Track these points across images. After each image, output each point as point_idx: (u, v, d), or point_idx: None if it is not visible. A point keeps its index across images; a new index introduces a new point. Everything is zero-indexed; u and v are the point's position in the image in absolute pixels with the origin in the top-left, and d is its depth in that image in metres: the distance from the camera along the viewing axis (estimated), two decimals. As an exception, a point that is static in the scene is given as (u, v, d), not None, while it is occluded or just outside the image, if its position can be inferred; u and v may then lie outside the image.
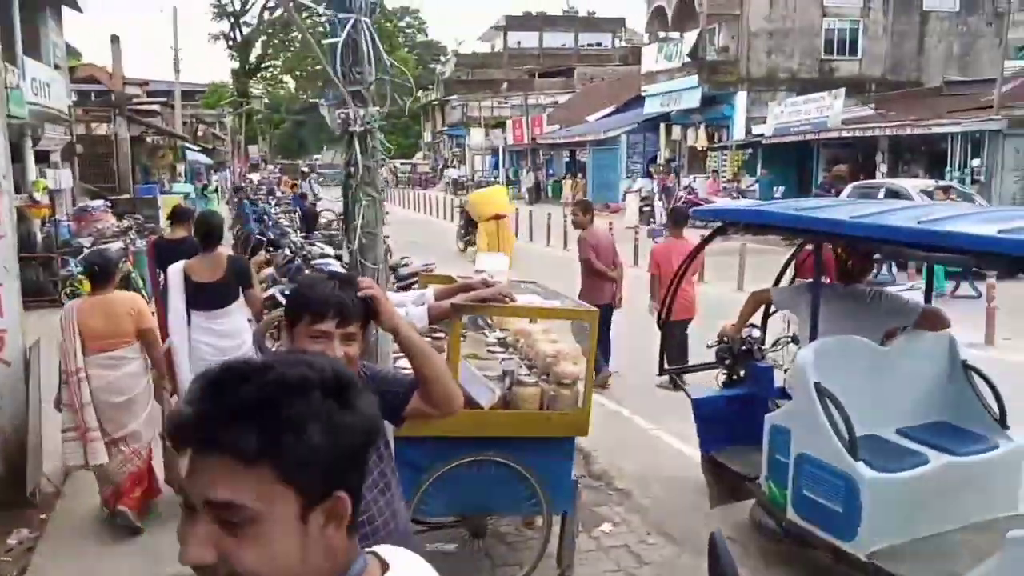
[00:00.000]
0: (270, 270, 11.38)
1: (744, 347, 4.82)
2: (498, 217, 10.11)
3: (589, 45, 70.21)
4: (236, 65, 53.60)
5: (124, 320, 4.71)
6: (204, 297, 5.10)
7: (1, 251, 5.18)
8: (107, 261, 4.96)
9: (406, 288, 8.85)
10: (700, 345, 5.75)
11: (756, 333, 4.92)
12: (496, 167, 45.24)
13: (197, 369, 5.04)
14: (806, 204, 4.70)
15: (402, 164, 60.95)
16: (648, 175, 28.86)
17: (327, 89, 2.86)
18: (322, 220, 17.26)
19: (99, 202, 15.11)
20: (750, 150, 25.24)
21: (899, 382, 4.18)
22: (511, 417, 3.96)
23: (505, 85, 59.21)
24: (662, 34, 28.26)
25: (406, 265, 10.22)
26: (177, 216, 6.86)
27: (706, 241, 4.92)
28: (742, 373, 4.92)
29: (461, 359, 3.95)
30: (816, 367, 3.87)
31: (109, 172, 22.99)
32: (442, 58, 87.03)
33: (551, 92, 54.95)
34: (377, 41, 2.83)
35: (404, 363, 3.41)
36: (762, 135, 23.68)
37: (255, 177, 42.25)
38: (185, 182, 27.39)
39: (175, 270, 5.18)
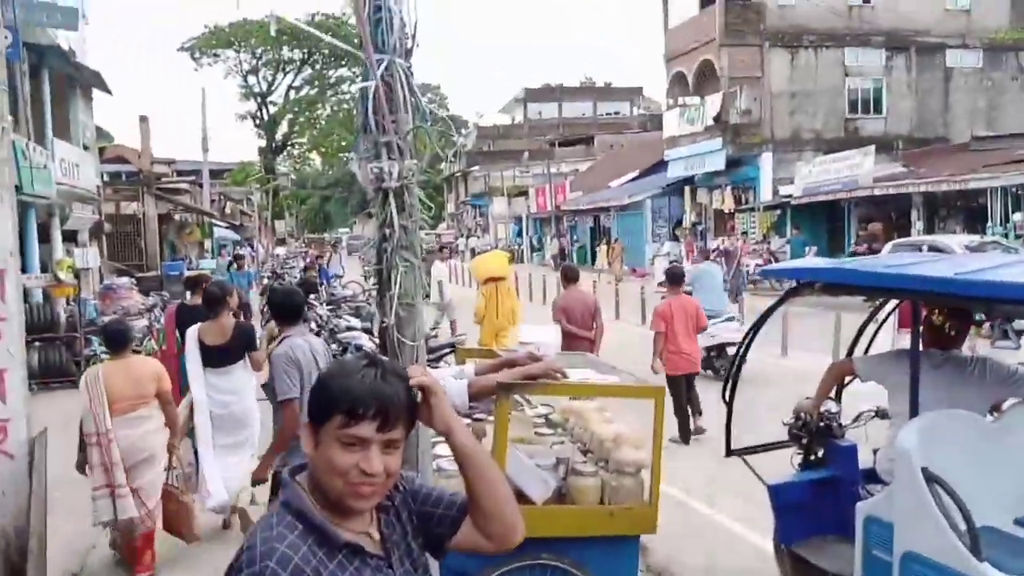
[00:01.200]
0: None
1: (822, 423, 4.29)
2: (494, 280, 10.04)
3: (607, 114, 71.16)
4: (263, 143, 54.73)
5: (147, 382, 5.09)
6: (211, 357, 5.70)
7: (6, 334, 4.81)
8: (124, 328, 5.42)
9: (437, 361, 8.39)
10: (767, 421, 5.20)
11: (834, 407, 4.39)
12: (519, 235, 45.19)
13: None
14: (892, 262, 4.23)
15: (426, 235, 61.18)
16: (674, 238, 28.53)
17: (358, 141, 2.48)
18: (347, 291, 16.96)
19: (125, 280, 14.97)
20: (779, 211, 24.85)
21: (1013, 463, 3.62)
22: (568, 514, 3.46)
23: (526, 155, 59.83)
24: (683, 99, 28.34)
25: (435, 336, 9.78)
26: (194, 284, 7.44)
27: (779, 302, 4.44)
28: (820, 453, 4.38)
29: (509, 445, 3.47)
30: (921, 449, 3.34)
31: (136, 250, 23.10)
32: (463, 131, 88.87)
33: (572, 160, 55.33)
34: (414, 86, 2.47)
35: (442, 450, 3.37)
36: (791, 196, 23.31)
37: (281, 252, 42.54)
38: (211, 258, 27.47)
39: (191, 333, 5.80)
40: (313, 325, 9.72)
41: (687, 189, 28.56)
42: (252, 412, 5.87)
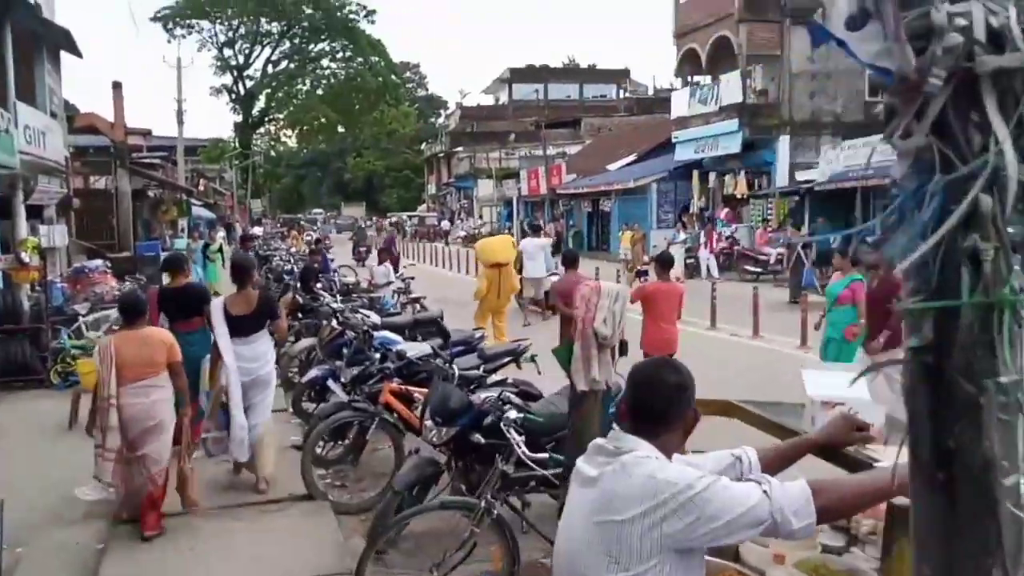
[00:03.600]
0: (309, 342, 9.41)
1: None
2: (499, 265, 10.63)
3: (595, 97, 69.78)
4: (239, 119, 52.37)
5: (158, 352, 5.29)
6: (238, 327, 5.99)
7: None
8: (138, 299, 5.68)
9: (495, 371, 6.87)
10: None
11: None
12: (508, 218, 43.60)
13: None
14: None
15: (409, 216, 59.41)
16: (682, 225, 27.20)
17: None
18: (348, 279, 15.23)
19: (97, 262, 13.22)
20: (796, 197, 23.57)
21: None
22: None
23: (512, 136, 58.24)
24: (698, 79, 26.95)
25: (482, 338, 8.26)
26: (171, 264, 7.29)
27: None
28: None
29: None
30: None
31: (108, 228, 21.16)
32: (443, 112, 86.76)
33: (559, 143, 53.83)
34: None
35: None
36: (813, 181, 22.01)
37: (258, 231, 40.48)
38: (185, 238, 25.57)
39: (216, 305, 6.13)
40: (335, 324, 8.12)
41: (696, 173, 27.19)
42: (273, 375, 6.44)
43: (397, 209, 70.24)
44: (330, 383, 6.82)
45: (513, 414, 4.56)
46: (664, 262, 8.41)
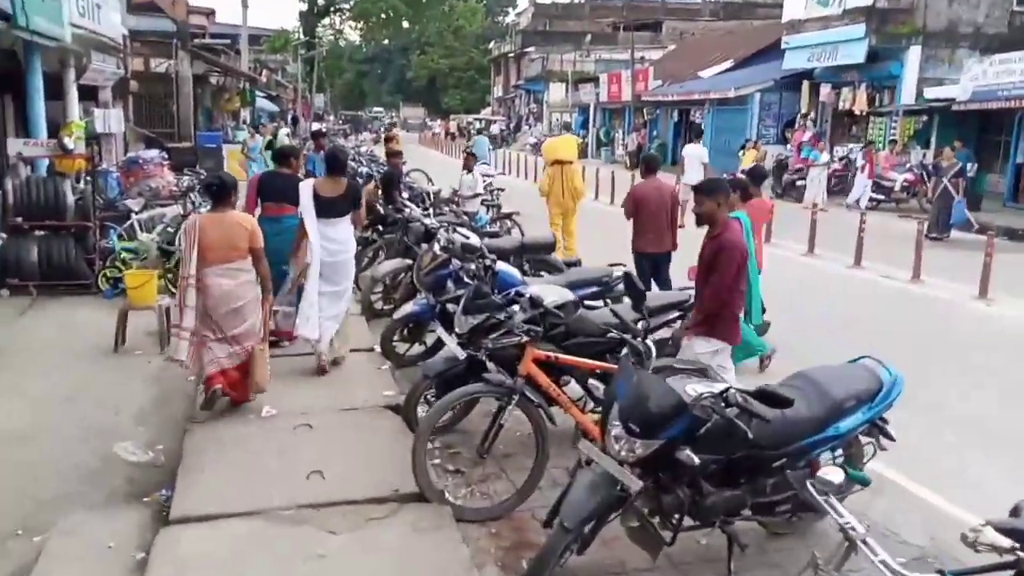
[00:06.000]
0: (396, 263, 7.84)
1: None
2: (560, 163, 10.82)
3: (676, 0, 65.11)
4: (304, 6, 49.97)
5: (241, 236, 5.32)
6: (326, 208, 6.20)
7: None
8: (224, 181, 5.52)
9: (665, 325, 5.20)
10: None
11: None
12: (583, 126, 40.98)
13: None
14: None
15: (473, 119, 56.85)
16: (783, 141, 24.61)
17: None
18: (424, 186, 13.51)
19: (154, 152, 11.73)
20: (925, 117, 20.81)
21: None
22: None
23: (588, 37, 54.69)
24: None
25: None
26: (284, 155, 7.37)
27: None
28: None
29: None
30: None
31: (168, 115, 19.71)
32: (511, 10, 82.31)
33: (639, 47, 50.32)
34: None
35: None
36: (950, 99, 19.23)
37: (321, 127, 38.78)
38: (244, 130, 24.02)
39: (306, 187, 6.29)
40: (436, 248, 6.46)
41: (806, 84, 24.35)
42: (352, 264, 6.52)
43: (460, 111, 67.57)
44: (440, 331, 5.18)
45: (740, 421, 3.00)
46: (757, 176, 7.86)
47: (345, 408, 5.52)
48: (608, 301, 5.85)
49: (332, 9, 52.17)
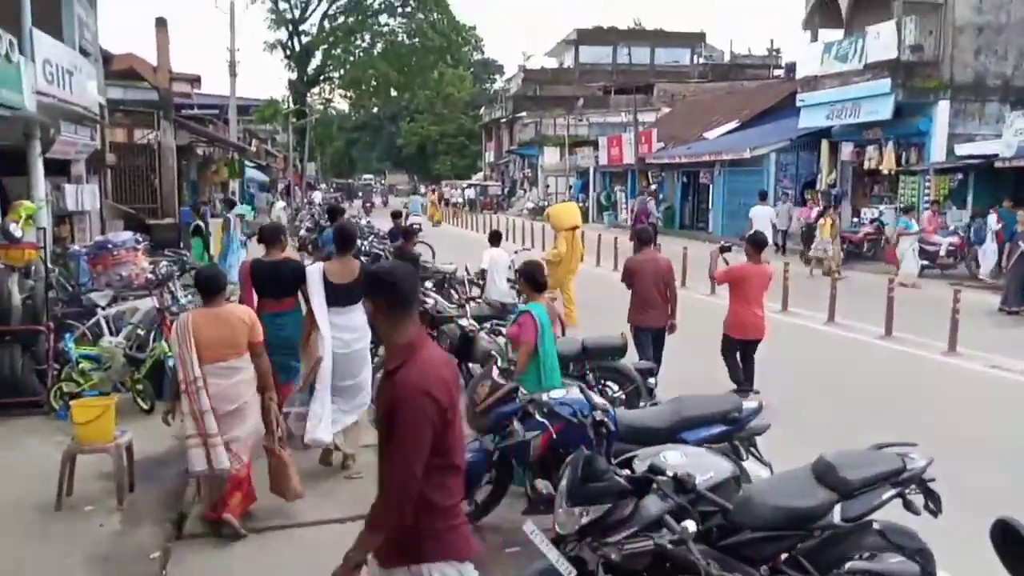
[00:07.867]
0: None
1: None
2: (574, 228, 11.28)
3: (665, 62, 65.27)
4: (293, 76, 49.22)
5: (240, 332, 4.89)
6: (337, 296, 5.65)
7: None
8: (216, 274, 5.14)
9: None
10: None
11: None
12: (583, 190, 39.84)
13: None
14: None
15: (468, 186, 55.83)
16: (803, 203, 23.32)
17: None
18: (448, 267, 11.31)
19: (127, 235, 10.09)
20: (960, 176, 19.57)
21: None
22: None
23: (581, 102, 54.24)
24: (831, 32, 22.88)
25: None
26: (269, 237, 6.30)
27: None
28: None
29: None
30: None
31: (149, 190, 18.18)
32: (499, 76, 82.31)
33: (630, 109, 49.90)
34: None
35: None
36: (992, 156, 18.01)
37: (316, 197, 37.42)
38: (244, 202, 22.44)
39: (315, 272, 5.79)
40: (495, 372, 4.78)
41: (824, 143, 23.19)
42: (368, 354, 5.99)
43: (450, 176, 66.84)
44: (531, 531, 3.32)
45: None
46: (757, 243, 7.94)
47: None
48: (737, 445, 4.19)
49: (322, 78, 51.41)
